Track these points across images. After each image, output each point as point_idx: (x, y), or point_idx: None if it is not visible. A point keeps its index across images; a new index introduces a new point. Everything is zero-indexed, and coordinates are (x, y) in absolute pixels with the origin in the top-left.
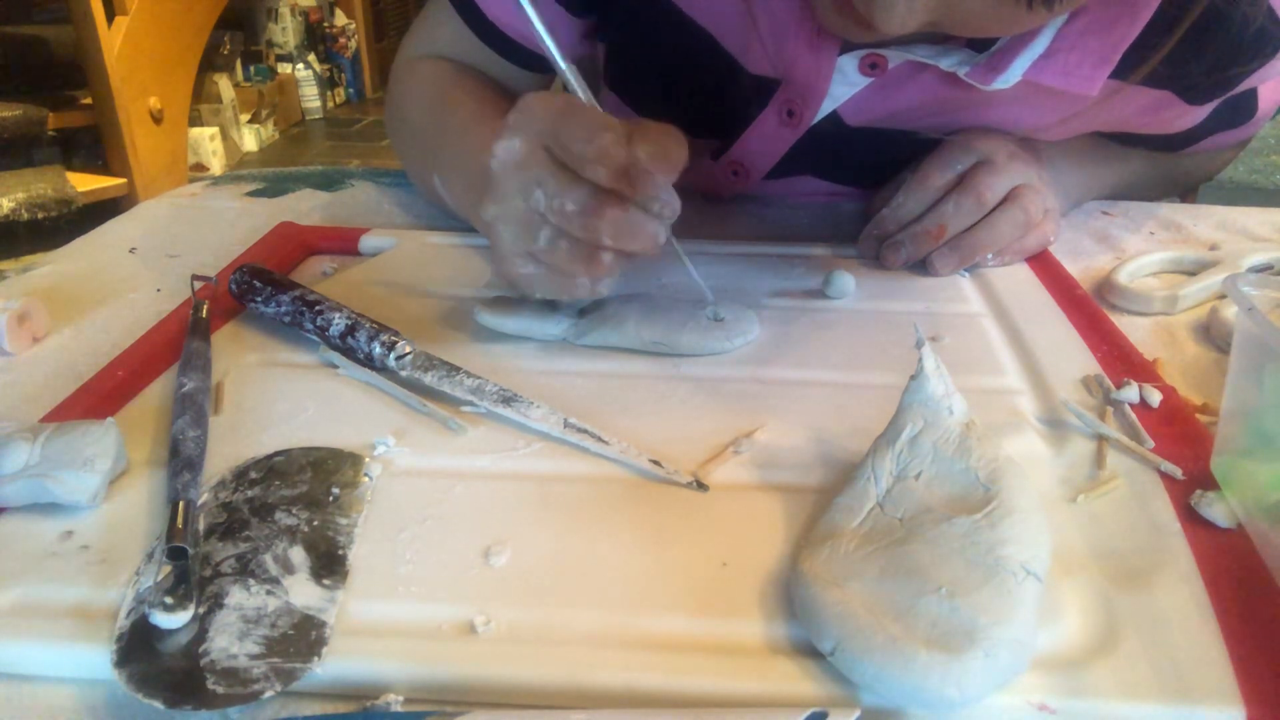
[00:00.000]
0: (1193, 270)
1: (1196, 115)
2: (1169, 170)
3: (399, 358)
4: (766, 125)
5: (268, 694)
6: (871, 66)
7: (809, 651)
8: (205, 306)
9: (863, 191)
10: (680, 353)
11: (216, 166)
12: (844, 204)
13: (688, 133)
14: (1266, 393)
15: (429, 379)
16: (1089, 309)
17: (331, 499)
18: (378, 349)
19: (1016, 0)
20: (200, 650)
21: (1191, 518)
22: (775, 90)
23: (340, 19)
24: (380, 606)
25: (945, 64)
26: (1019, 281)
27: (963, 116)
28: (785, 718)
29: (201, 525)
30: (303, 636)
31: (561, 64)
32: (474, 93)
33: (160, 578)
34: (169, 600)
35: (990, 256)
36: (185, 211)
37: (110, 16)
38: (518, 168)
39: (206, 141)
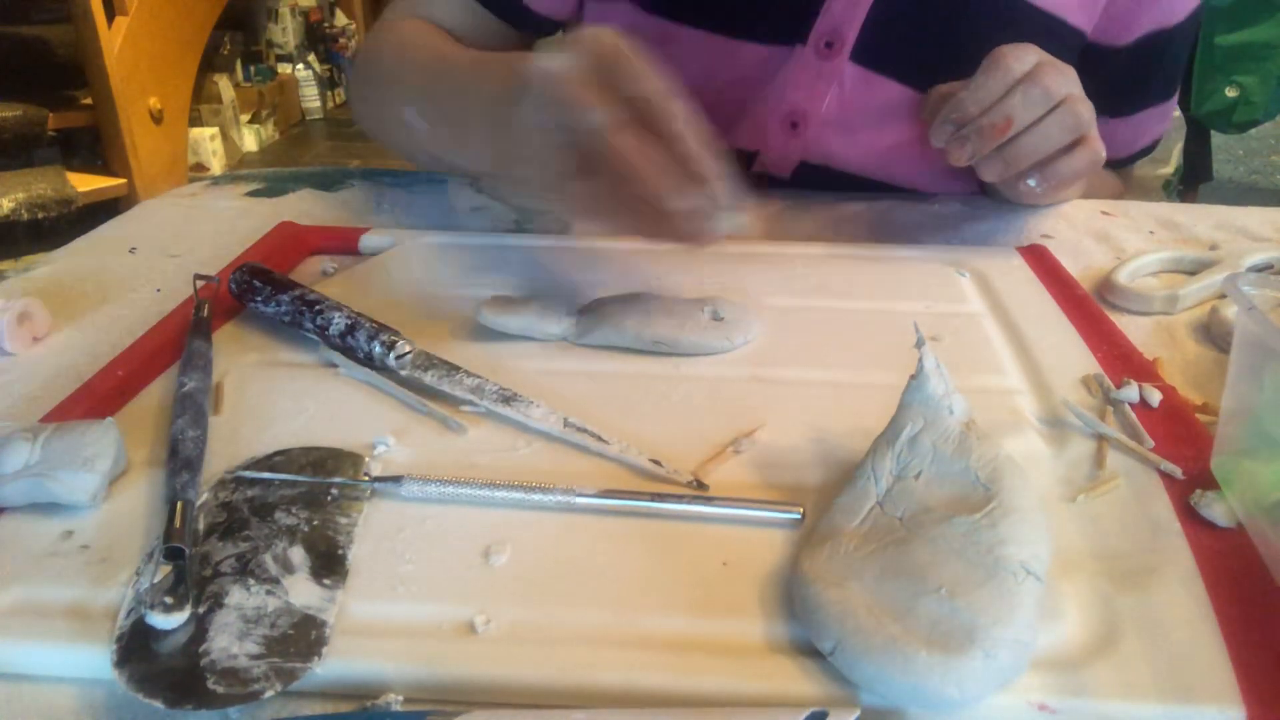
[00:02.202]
0: (1193, 270)
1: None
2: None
3: (399, 357)
4: None
5: (268, 694)
6: None
7: (809, 651)
8: (207, 306)
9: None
10: (680, 353)
11: (216, 166)
12: (846, 205)
13: (768, 25)
14: (1266, 393)
15: (429, 378)
16: (1089, 309)
17: (331, 499)
18: (377, 348)
19: None
20: (200, 650)
21: (1191, 518)
22: None
23: (340, 19)
24: (380, 606)
25: None
26: (1019, 281)
27: None
28: (785, 718)
29: (201, 525)
30: (303, 636)
31: None
32: (468, 44)
33: (158, 578)
34: (167, 600)
35: (1034, 182)
36: (185, 211)
37: (110, 16)
38: (568, 82)
39: (206, 141)
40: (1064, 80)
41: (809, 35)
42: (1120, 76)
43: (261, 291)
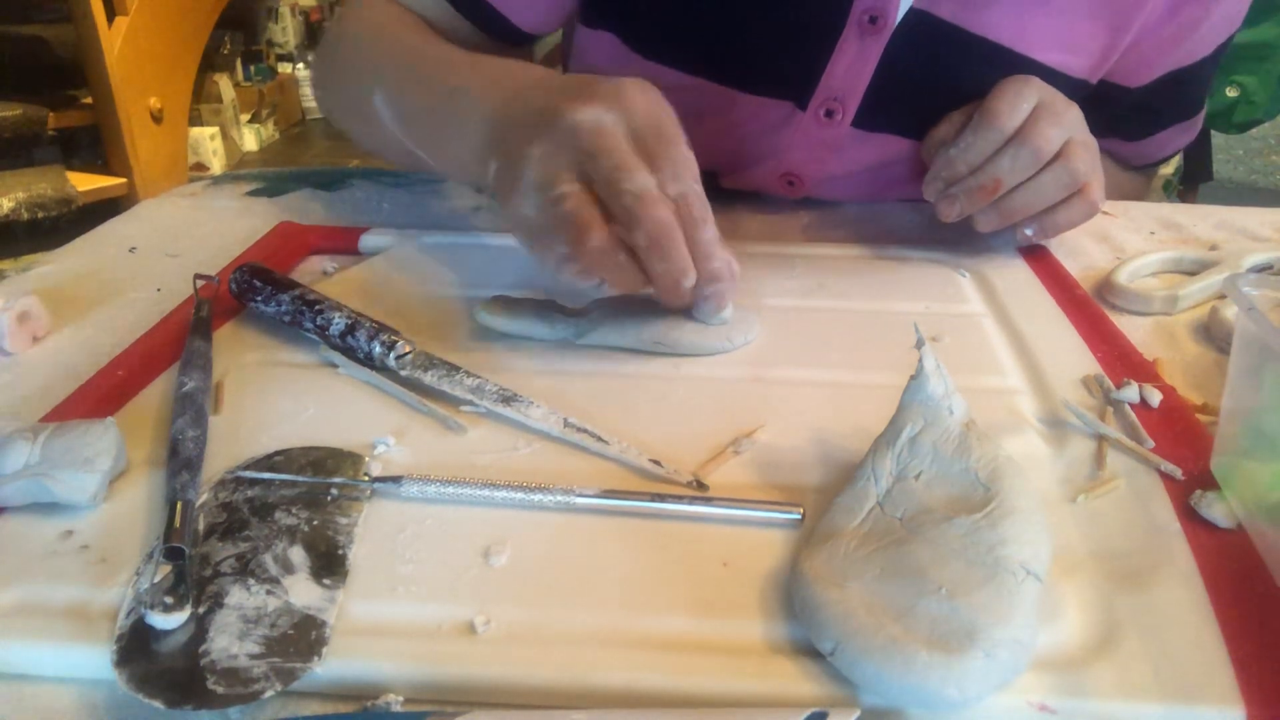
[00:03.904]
0: (1193, 270)
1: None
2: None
3: (399, 357)
4: (849, 43)
5: (268, 694)
6: None
7: (809, 651)
8: (207, 306)
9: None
10: (680, 353)
11: (216, 166)
12: (846, 206)
13: (764, 81)
14: (1266, 393)
15: (429, 378)
16: (1089, 309)
17: (331, 499)
18: (377, 348)
19: None
20: (200, 650)
21: (1191, 518)
22: (850, 3)
23: None
24: (380, 606)
25: None
26: (1019, 281)
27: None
28: (785, 718)
29: (201, 525)
30: (303, 636)
31: None
32: (445, 38)
33: (158, 578)
34: (167, 600)
35: (1030, 231)
36: (185, 211)
37: (110, 16)
38: (591, 133)
39: (206, 141)
40: (1059, 131)
41: (808, 103)
42: (1135, 111)
43: (261, 291)
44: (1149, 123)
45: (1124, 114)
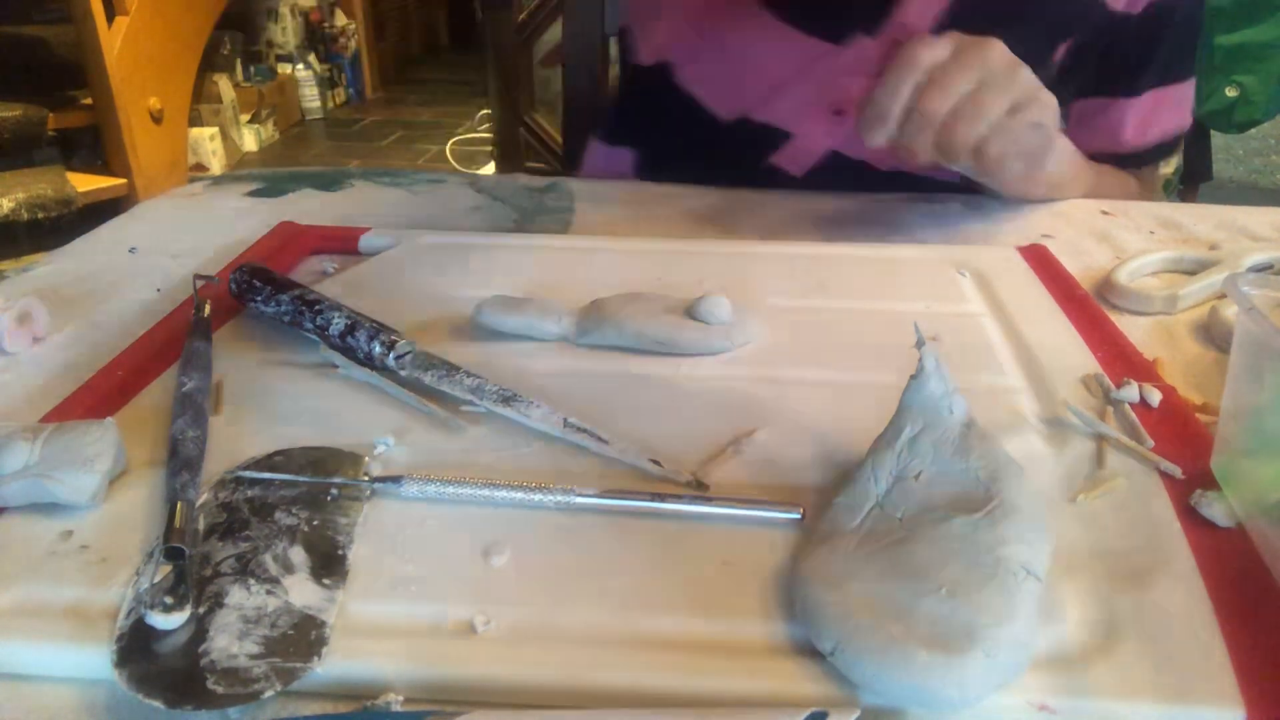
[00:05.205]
0: (1193, 270)
1: None
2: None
3: (399, 357)
4: None
5: (268, 694)
6: None
7: (809, 651)
8: (207, 306)
9: None
10: (680, 353)
11: (216, 166)
12: (846, 203)
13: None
14: (1266, 393)
15: (429, 378)
16: (1089, 309)
17: (331, 499)
18: (377, 348)
19: None
20: (200, 650)
21: (1191, 517)
22: None
23: (340, 19)
24: (380, 606)
25: None
26: (1019, 281)
27: None
28: (785, 718)
29: (201, 525)
30: (303, 636)
31: None
32: None
33: (158, 578)
34: (167, 600)
35: (972, 165)
36: (185, 211)
37: (110, 16)
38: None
39: (206, 141)
40: (997, 50)
41: (877, 30)
42: (1127, 49)
43: (261, 291)
44: (1139, 69)
45: (1119, 56)
